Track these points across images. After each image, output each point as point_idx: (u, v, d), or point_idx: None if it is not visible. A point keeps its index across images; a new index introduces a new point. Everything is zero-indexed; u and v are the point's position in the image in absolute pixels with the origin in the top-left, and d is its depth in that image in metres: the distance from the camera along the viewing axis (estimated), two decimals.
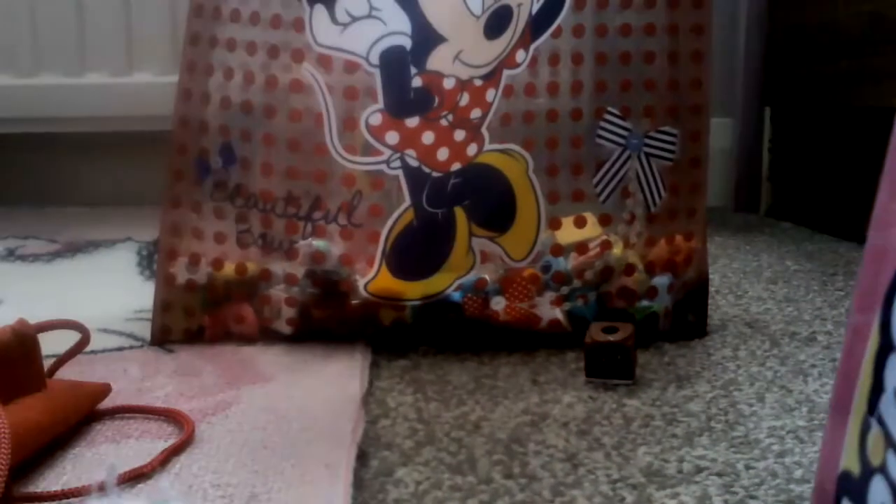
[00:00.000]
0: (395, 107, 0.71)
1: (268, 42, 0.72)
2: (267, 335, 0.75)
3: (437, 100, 0.71)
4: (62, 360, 0.61)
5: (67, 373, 0.67)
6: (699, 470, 0.52)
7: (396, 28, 0.70)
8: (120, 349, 0.74)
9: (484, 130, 0.73)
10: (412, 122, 0.71)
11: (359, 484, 0.50)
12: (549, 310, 0.74)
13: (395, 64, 0.71)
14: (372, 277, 0.73)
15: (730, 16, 1.42)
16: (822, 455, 0.32)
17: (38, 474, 0.50)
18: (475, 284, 0.74)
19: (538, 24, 0.73)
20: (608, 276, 0.75)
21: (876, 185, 0.31)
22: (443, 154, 0.72)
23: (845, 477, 0.30)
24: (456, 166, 0.73)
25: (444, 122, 0.72)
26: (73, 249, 1.12)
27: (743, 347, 0.74)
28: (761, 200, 1.44)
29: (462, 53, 0.71)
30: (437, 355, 0.72)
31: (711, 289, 0.87)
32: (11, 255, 1.09)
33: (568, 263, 0.75)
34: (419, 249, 0.73)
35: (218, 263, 0.75)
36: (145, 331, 0.76)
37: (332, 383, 0.65)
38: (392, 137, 0.72)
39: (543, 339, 0.74)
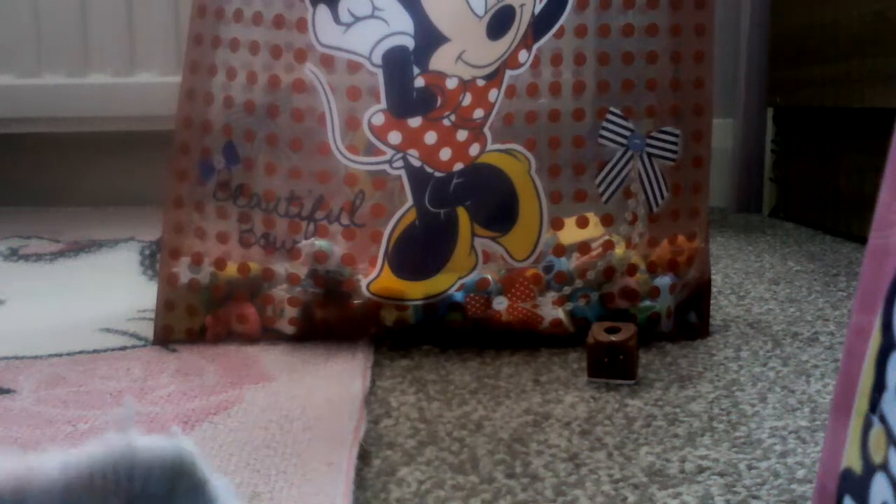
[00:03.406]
0: (397, 107, 0.71)
1: (271, 42, 0.73)
2: (269, 335, 0.75)
3: (439, 100, 0.71)
4: None
5: (71, 373, 0.68)
6: (701, 470, 0.52)
7: (399, 28, 0.70)
8: (123, 348, 0.74)
9: (486, 130, 0.73)
10: (415, 122, 0.72)
11: (361, 483, 0.50)
12: (551, 310, 0.74)
13: (397, 64, 0.71)
14: (374, 277, 0.73)
15: (732, 16, 1.42)
16: (823, 453, 0.32)
17: None
18: (477, 284, 0.74)
19: (541, 24, 0.73)
20: (610, 276, 0.75)
21: (878, 186, 0.31)
22: (445, 154, 0.72)
23: (847, 475, 0.30)
24: (458, 166, 0.73)
25: (446, 122, 0.72)
26: (77, 249, 1.12)
27: (745, 348, 0.74)
28: (764, 201, 1.44)
29: (465, 54, 0.71)
30: (440, 355, 0.73)
31: (714, 289, 0.87)
32: (14, 254, 1.09)
33: (570, 263, 0.75)
34: (421, 249, 0.73)
35: (220, 263, 0.75)
36: (148, 330, 0.76)
37: (335, 383, 0.65)
38: (395, 137, 0.72)
39: (545, 338, 0.74)
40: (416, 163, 0.72)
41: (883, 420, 0.28)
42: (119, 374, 0.67)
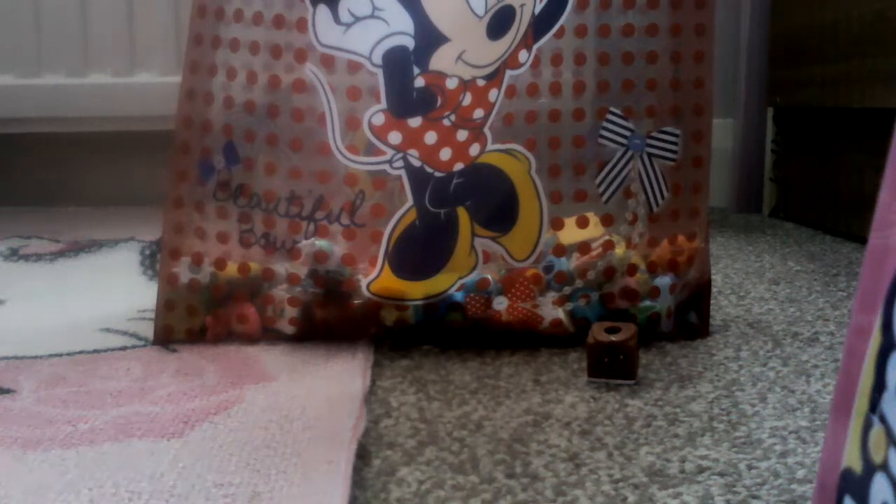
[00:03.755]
0: (397, 107, 0.71)
1: (271, 42, 0.73)
2: (269, 335, 0.75)
3: (439, 100, 0.71)
4: None
5: (71, 373, 0.68)
6: (701, 470, 0.52)
7: (399, 28, 0.70)
8: (123, 348, 0.74)
9: (486, 130, 0.73)
10: (415, 122, 0.72)
11: (361, 483, 0.50)
12: (551, 310, 0.74)
13: (397, 64, 0.71)
14: (374, 277, 0.73)
15: (732, 16, 1.42)
16: (823, 453, 0.32)
17: (41, 473, 0.50)
18: (477, 284, 0.74)
19: (541, 24, 0.73)
20: (610, 276, 0.75)
21: (878, 186, 0.31)
22: (445, 154, 0.72)
23: (847, 475, 0.30)
24: (458, 166, 0.73)
25: (446, 122, 0.72)
26: (77, 249, 1.12)
27: (745, 348, 0.74)
28: (764, 201, 1.44)
29: (465, 54, 0.71)
30: (440, 355, 0.73)
31: (714, 289, 0.87)
32: (15, 254, 1.09)
33: (570, 263, 0.75)
34: (421, 249, 0.73)
35: (221, 263, 0.75)
36: (148, 330, 0.76)
37: (335, 383, 0.65)
38: (395, 137, 0.72)
39: (546, 339, 0.74)
40: (417, 163, 0.72)
41: (883, 420, 0.28)
42: (119, 374, 0.67)
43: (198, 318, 0.75)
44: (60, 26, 1.43)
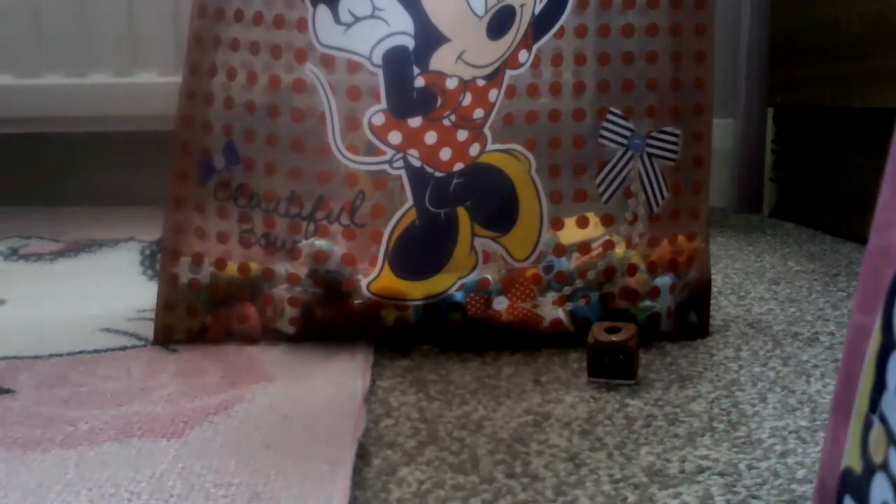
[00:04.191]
0: (397, 107, 0.71)
1: (271, 42, 0.73)
2: (269, 335, 0.75)
3: (439, 100, 0.71)
4: None
5: (71, 373, 0.68)
6: (701, 470, 0.52)
7: (399, 28, 0.71)
8: (123, 349, 0.74)
9: (486, 130, 0.73)
10: (415, 122, 0.72)
11: (361, 483, 0.50)
12: (551, 310, 0.74)
13: (397, 64, 0.71)
14: (374, 277, 0.73)
15: (732, 16, 1.42)
16: (823, 453, 0.32)
17: (41, 473, 0.50)
18: (477, 284, 0.74)
19: (541, 24, 0.73)
20: (611, 276, 0.75)
21: (878, 186, 0.31)
22: (445, 154, 0.72)
23: (847, 475, 0.30)
24: (459, 166, 0.73)
25: (446, 122, 0.72)
26: (77, 249, 1.12)
27: (745, 348, 0.74)
28: (764, 201, 1.44)
29: (465, 53, 0.71)
30: (440, 355, 0.73)
31: (714, 289, 0.87)
32: (15, 254, 1.10)
33: (570, 263, 0.75)
34: (421, 249, 0.73)
35: (221, 263, 0.75)
36: (148, 330, 0.76)
37: (335, 383, 0.65)
38: (395, 137, 0.72)
39: (546, 339, 0.74)
40: (417, 163, 0.72)
41: (883, 420, 0.28)
42: (119, 374, 0.67)
43: (198, 318, 0.75)
44: (60, 26, 1.43)
